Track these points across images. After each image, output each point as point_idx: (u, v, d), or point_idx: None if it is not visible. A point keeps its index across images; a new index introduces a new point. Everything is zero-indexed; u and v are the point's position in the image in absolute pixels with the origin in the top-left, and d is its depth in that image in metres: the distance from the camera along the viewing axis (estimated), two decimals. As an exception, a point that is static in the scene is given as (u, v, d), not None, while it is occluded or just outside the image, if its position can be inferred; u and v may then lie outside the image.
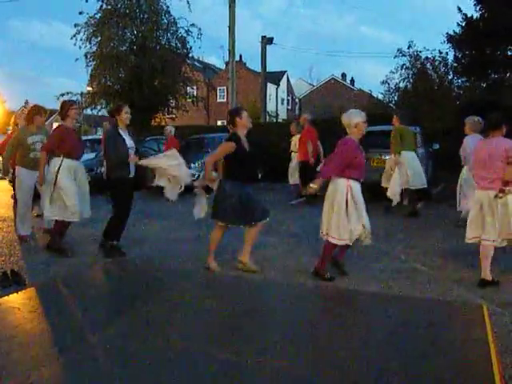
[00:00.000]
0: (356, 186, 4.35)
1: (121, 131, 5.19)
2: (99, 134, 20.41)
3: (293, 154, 9.96)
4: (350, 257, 5.18)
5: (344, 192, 4.28)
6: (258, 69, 22.06)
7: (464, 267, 4.81)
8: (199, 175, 10.67)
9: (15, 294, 3.76)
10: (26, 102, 48.58)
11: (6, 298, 3.66)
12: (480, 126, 6.05)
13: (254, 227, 4.65)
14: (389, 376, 2.46)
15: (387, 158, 8.36)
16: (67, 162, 5.26)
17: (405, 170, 7.44)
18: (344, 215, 4.27)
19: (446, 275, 4.53)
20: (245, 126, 4.68)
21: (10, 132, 6.62)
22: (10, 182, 12.59)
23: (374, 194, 8.16)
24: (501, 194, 4.13)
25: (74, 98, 17.93)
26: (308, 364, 2.57)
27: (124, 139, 5.15)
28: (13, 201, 6.61)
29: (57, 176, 5.19)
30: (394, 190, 7.24)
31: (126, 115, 5.21)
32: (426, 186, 7.78)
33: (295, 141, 9.83)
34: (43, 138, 5.79)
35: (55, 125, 8.50)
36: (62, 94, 17.75)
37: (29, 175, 5.70)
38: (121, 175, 5.15)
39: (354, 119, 4.40)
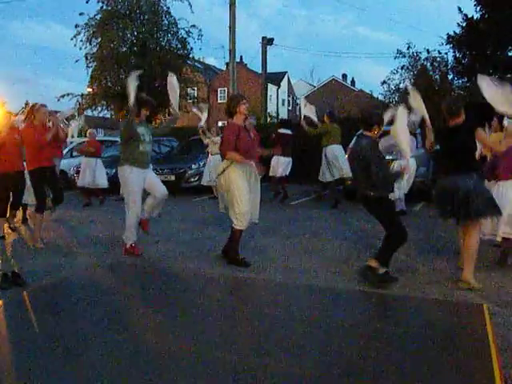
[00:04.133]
0: None
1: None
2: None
3: (210, 156, 10.28)
4: (349, 257, 5.18)
5: None
6: (259, 70, 22.09)
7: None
8: (198, 175, 10.85)
9: (15, 295, 3.76)
10: (27, 104, 48.63)
11: (6, 299, 3.66)
12: (415, 129, 6.88)
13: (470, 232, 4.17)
14: (390, 375, 2.46)
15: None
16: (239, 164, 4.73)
17: (336, 162, 8.73)
18: None
19: (447, 275, 4.52)
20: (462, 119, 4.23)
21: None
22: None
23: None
24: None
25: (75, 100, 18.02)
26: (309, 364, 2.57)
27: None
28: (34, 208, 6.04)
29: (225, 178, 4.76)
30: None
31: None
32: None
33: (214, 142, 10.26)
34: (148, 131, 5.39)
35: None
36: (63, 96, 17.83)
37: (138, 173, 5.22)
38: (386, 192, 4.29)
39: None
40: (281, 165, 9.36)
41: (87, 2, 17.35)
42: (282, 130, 9.56)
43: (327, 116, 9.16)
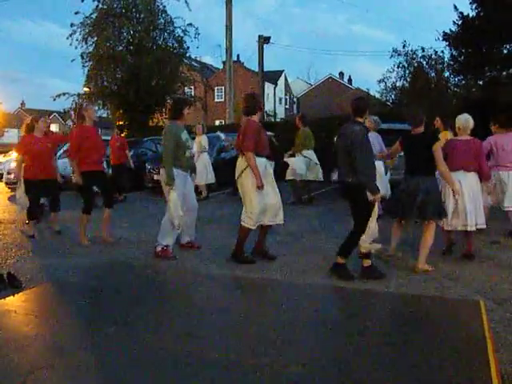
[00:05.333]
0: None
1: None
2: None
3: (200, 154, 10.02)
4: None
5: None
6: (256, 68, 22.06)
7: (461, 264, 4.82)
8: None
9: (11, 296, 3.74)
10: (23, 104, 48.42)
11: (2, 301, 3.65)
12: (379, 125, 7.18)
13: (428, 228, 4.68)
14: (387, 372, 2.46)
15: None
16: (258, 160, 4.80)
17: (308, 165, 8.77)
18: None
19: (443, 272, 4.53)
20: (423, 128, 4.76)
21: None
22: (7, 184, 12.59)
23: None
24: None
25: (71, 99, 17.97)
26: (307, 363, 2.56)
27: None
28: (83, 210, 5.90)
29: (242, 178, 4.86)
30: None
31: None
32: (322, 179, 9.03)
33: (198, 141, 10.11)
34: (188, 135, 5.29)
35: (53, 126, 8.40)
36: (59, 95, 17.77)
37: (183, 177, 5.15)
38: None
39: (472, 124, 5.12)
40: None
41: (82, 1, 17.30)
42: None
43: (299, 120, 9.03)
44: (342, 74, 46.64)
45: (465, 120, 5.10)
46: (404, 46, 16.22)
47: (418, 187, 4.53)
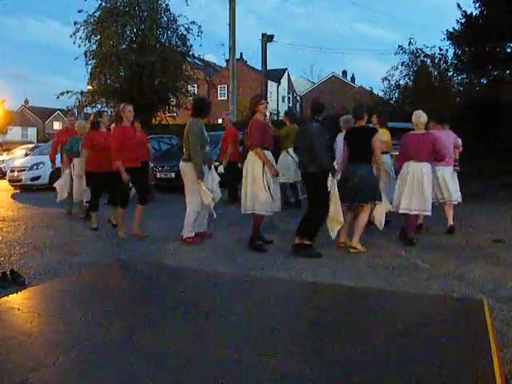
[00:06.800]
0: None
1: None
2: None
3: None
4: (349, 254, 5.17)
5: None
6: (259, 66, 22.02)
7: (464, 263, 4.80)
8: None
9: (15, 294, 3.75)
10: (26, 102, 48.57)
11: (5, 298, 3.65)
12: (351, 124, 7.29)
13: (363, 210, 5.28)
14: (389, 372, 2.45)
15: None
16: (266, 153, 5.24)
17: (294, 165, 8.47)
18: None
19: (446, 271, 4.52)
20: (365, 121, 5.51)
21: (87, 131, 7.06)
22: (10, 181, 12.63)
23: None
24: None
25: (74, 97, 17.99)
26: (307, 362, 2.56)
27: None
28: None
29: (252, 167, 5.25)
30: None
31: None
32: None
33: None
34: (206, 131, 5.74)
35: (56, 124, 8.42)
36: (62, 93, 17.79)
37: (204, 170, 5.60)
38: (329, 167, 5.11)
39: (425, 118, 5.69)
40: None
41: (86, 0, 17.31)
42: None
43: (286, 116, 8.86)
44: (345, 73, 46.54)
45: (417, 116, 5.66)
46: (410, 44, 16.18)
47: (355, 173, 5.12)
